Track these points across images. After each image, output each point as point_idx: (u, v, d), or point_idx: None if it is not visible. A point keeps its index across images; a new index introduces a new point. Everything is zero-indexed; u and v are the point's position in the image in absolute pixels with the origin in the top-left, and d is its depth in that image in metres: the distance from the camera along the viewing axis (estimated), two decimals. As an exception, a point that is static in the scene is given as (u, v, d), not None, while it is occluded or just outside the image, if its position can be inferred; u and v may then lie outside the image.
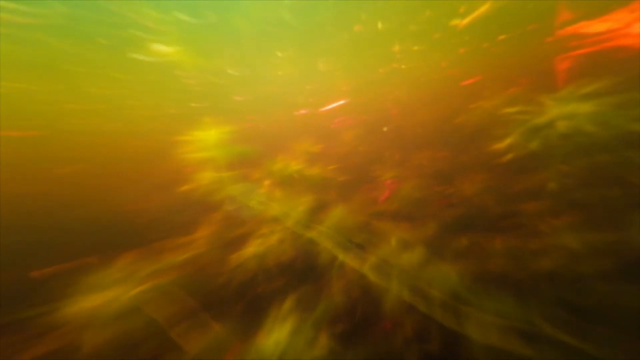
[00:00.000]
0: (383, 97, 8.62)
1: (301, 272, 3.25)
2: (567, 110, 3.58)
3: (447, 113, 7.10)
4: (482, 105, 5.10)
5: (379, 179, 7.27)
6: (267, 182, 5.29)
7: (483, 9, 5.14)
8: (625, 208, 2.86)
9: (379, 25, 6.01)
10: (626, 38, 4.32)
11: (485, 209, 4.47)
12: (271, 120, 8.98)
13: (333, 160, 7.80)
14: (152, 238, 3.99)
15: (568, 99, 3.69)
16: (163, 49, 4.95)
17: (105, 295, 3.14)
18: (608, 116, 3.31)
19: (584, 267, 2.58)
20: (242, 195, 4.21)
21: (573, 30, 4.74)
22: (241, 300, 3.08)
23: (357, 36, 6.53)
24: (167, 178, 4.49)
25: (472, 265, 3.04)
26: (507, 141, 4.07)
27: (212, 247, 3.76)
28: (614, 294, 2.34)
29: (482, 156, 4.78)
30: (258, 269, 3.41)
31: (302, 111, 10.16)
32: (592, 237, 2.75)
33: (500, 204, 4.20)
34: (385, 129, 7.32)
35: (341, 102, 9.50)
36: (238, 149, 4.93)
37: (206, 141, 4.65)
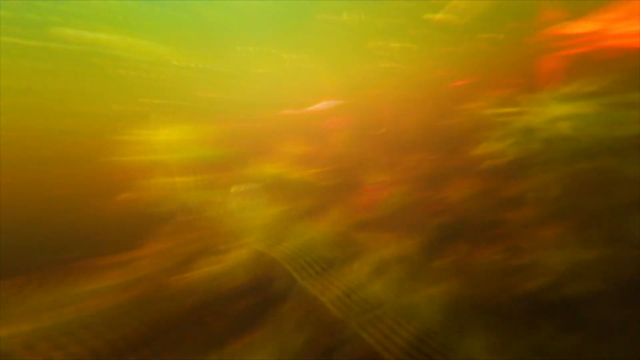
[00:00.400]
0: (371, 98, 8.26)
1: (255, 303, 2.83)
2: (550, 114, 3.30)
3: (436, 115, 6.80)
4: (470, 107, 4.78)
5: (365, 184, 6.92)
6: (235, 189, 4.85)
7: (463, 4, 4.85)
8: (607, 221, 2.58)
9: (353, 17, 5.60)
10: (609, 39, 4.16)
11: (470, 218, 4.15)
12: (251, 120, 8.52)
13: (317, 164, 7.41)
14: (69, 257, 3.34)
15: (551, 102, 3.42)
16: (103, 37, 4.34)
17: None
18: (591, 120, 3.05)
19: (565, 289, 2.27)
20: (199, 205, 3.70)
21: (558, 30, 4.56)
22: (177, 340, 2.61)
23: (338, 31, 6.11)
24: (104, 184, 3.84)
25: (449, 292, 2.67)
26: (491, 146, 3.77)
27: (150, 269, 3.22)
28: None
29: (468, 160, 4.46)
30: (204, 297, 2.92)
31: (287, 111, 9.75)
32: (573, 254, 2.45)
33: (484, 212, 3.88)
34: (380, 130, 6.93)
35: (328, 102, 9.12)
36: (203, 151, 4.38)
37: (159, 142, 4.05)
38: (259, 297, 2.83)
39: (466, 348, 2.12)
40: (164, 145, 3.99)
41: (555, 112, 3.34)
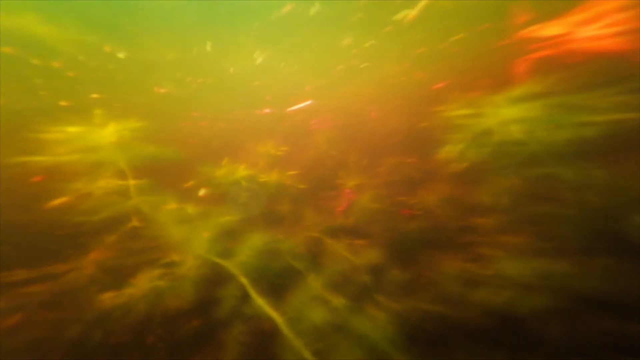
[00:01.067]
0: (350, 98, 8.12)
1: (201, 325, 2.51)
2: (510, 117, 3.25)
3: (414, 117, 6.76)
4: (439, 109, 4.71)
5: (342, 187, 6.72)
6: (200, 192, 4.47)
7: (423, 3, 4.80)
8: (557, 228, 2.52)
9: (320, 9, 5.39)
10: (575, 42, 4.26)
11: (440, 223, 4.05)
12: (225, 119, 8.12)
13: (289, 166, 7.12)
14: None
15: (513, 105, 3.38)
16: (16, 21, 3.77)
17: None
18: (545, 123, 3.01)
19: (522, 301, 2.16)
20: (149, 211, 3.27)
21: (527, 33, 4.62)
22: None
23: (308, 26, 5.89)
24: (29, 188, 3.26)
25: (409, 307, 2.49)
26: (453, 150, 3.70)
27: (82, 283, 2.80)
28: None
29: (434, 165, 4.38)
30: (144, 318, 2.56)
31: (266, 110, 9.41)
32: (530, 264, 2.36)
33: (448, 218, 3.79)
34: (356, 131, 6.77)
35: (308, 102, 8.89)
36: (159, 152, 3.90)
37: (102, 141, 3.52)
38: (205, 318, 2.52)
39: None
40: (107, 145, 3.51)
41: (515, 115, 3.29)
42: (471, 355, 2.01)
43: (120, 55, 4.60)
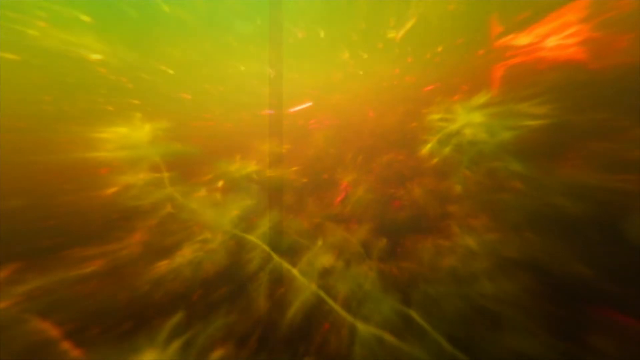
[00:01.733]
0: (347, 101, 8.83)
1: (233, 281, 3.29)
2: (476, 121, 4.05)
3: (406, 118, 7.51)
4: (429, 111, 5.48)
5: (340, 181, 7.50)
6: (218, 184, 5.18)
7: (410, 23, 5.60)
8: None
9: (319, 32, 6.26)
10: (543, 51, 4.84)
11: (423, 211, 4.88)
12: (233, 120, 8.79)
13: (297, 162, 7.86)
14: (49, 247, 3.58)
15: (480, 110, 4.18)
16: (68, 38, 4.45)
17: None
18: (502, 126, 3.82)
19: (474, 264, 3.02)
20: (180, 199, 4.03)
21: (501, 43, 5.24)
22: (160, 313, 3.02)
23: (304, 41, 6.67)
24: (79, 179, 3.97)
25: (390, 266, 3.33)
26: (431, 148, 4.50)
27: (132, 257, 3.56)
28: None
29: (416, 161, 5.18)
30: (185, 279, 3.35)
31: (268, 111, 10.07)
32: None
33: (427, 207, 4.61)
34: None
35: (308, 104, 9.57)
36: (180, 148, 4.65)
37: (134, 139, 4.27)
38: (238, 276, 3.28)
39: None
40: (145, 143, 4.23)
41: (476, 119, 4.10)
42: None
43: (170, 71, 5.30)
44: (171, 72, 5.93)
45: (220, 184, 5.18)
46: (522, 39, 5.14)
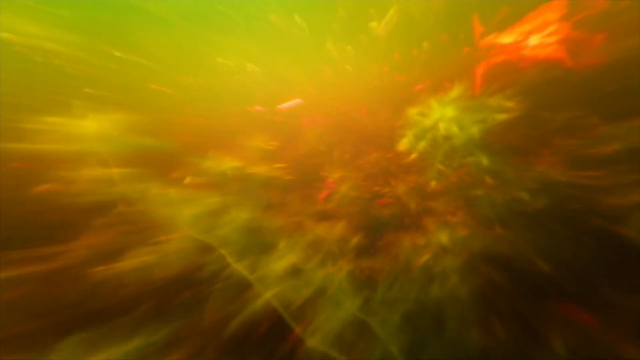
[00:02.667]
0: (338, 98, 8.49)
1: (185, 287, 2.95)
2: (447, 116, 3.75)
3: (395, 116, 7.20)
4: (406, 109, 5.17)
5: (326, 179, 7.16)
6: (186, 180, 4.85)
7: (394, 18, 5.43)
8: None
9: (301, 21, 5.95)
10: (528, 49, 4.73)
11: (405, 208, 4.56)
12: (217, 115, 8.47)
13: (277, 159, 7.52)
14: None
15: (458, 106, 3.87)
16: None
17: None
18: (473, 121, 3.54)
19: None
20: (139, 197, 3.65)
21: (484, 42, 5.10)
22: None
23: (285, 31, 6.34)
24: (19, 175, 3.54)
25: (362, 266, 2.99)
26: (409, 143, 4.20)
27: (77, 261, 3.20)
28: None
29: (397, 157, 4.88)
30: (136, 287, 2.99)
31: (257, 107, 9.76)
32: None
33: (413, 203, 4.29)
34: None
35: (297, 100, 9.24)
36: (143, 141, 4.25)
37: (89, 132, 3.83)
38: (189, 281, 2.94)
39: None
40: (90, 135, 3.85)
41: (450, 114, 3.79)
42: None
43: (118, 54, 4.98)
44: (144, 62, 5.60)
45: (187, 180, 4.85)
46: (506, 38, 5.02)
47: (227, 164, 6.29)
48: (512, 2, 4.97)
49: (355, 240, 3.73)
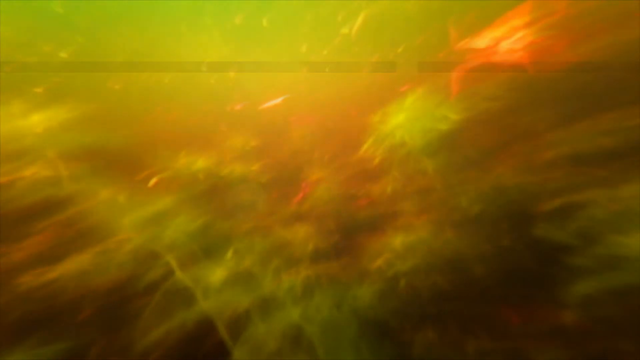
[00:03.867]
0: (322, 96, 8.38)
1: (124, 296, 2.69)
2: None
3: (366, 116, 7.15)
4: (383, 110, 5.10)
5: (303, 180, 6.99)
6: (150, 182, 4.57)
7: (361, 19, 5.41)
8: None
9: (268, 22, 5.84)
10: (497, 54, 4.78)
11: (378, 209, 4.45)
12: (192, 113, 8.18)
13: (254, 159, 7.29)
14: None
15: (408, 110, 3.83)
16: None
17: None
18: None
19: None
20: (83, 198, 3.36)
21: (459, 46, 5.14)
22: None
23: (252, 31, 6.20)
24: None
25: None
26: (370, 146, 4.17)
27: (8, 266, 2.88)
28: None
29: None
30: (70, 295, 2.70)
31: (237, 106, 9.52)
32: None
33: (385, 204, 4.19)
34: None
35: (280, 98, 9.06)
36: (98, 141, 3.93)
37: (18, 129, 3.50)
38: (129, 290, 2.70)
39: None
40: (32, 134, 3.53)
41: (407, 119, 3.76)
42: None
43: (63, 54, 4.68)
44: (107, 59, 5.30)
45: (151, 182, 4.56)
46: (480, 42, 5.08)
47: (200, 163, 6.02)
48: (482, 6, 5.04)
49: (319, 243, 3.57)
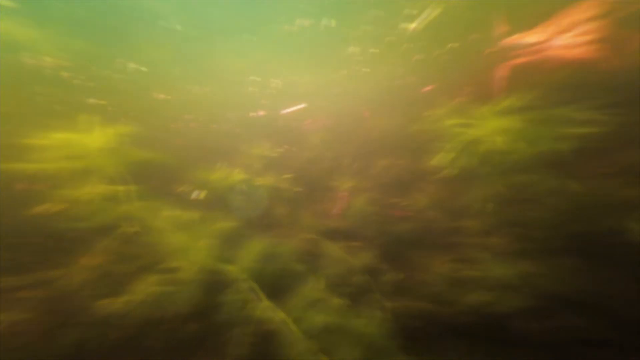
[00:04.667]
0: (346, 101, 8.24)
1: (198, 330, 2.54)
2: (496, 126, 3.44)
3: (405, 120, 6.94)
4: (433, 113, 4.88)
5: (336, 189, 6.82)
6: (193, 196, 4.45)
7: (434, 14, 5.15)
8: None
9: (330, 23, 5.66)
10: (552, 50, 4.54)
11: (426, 226, 4.23)
12: (219, 122, 8.12)
13: (285, 169, 7.15)
14: None
15: (496, 114, 3.58)
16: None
17: None
18: (532, 133, 3.23)
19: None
20: (141, 217, 3.24)
21: (509, 41, 4.90)
22: None
23: (314, 36, 6.07)
24: (14, 195, 3.14)
25: (402, 306, 2.62)
26: (443, 156, 3.88)
27: (75, 289, 2.76)
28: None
29: (430, 168, 4.56)
30: (140, 324, 2.56)
31: (260, 113, 9.42)
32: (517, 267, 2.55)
33: (439, 221, 3.97)
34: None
35: (303, 104, 8.95)
36: (150, 156, 3.85)
37: (89, 147, 3.44)
38: (205, 322, 2.55)
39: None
40: (95, 151, 3.45)
41: (500, 127, 3.50)
42: (456, 350, 2.17)
43: (131, 65, 4.63)
44: (144, 69, 5.22)
45: (195, 196, 4.44)
46: (531, 37, 4.82)
47: (234, 176, 5.90)
48: (539, 1, 4.72)
49: (383, 268, 3.33)
